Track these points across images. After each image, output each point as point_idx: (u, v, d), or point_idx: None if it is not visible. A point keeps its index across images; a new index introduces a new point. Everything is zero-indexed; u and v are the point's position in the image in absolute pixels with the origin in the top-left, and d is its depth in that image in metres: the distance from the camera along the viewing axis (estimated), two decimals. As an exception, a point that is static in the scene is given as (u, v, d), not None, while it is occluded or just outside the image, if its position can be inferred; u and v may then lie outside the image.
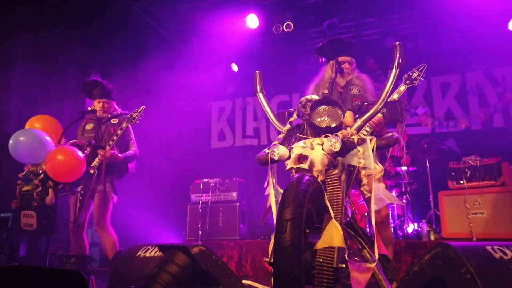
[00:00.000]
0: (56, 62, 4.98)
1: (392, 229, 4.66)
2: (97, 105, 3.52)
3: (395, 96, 2.54)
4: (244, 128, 7.25)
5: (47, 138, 3.01)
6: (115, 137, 3.32)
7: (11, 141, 2.90)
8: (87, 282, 1.18)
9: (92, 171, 3.22)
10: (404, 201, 4.87)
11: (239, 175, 5.70)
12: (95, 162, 3.24)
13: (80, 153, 3.05)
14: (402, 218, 4.88)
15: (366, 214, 4.34)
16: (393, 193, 5.05)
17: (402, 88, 2.59)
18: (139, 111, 3.44)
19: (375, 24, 6.32)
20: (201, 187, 5.56)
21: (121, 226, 4.36)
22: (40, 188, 2.88)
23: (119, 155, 3.37)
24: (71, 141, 3.26)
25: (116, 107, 3.66)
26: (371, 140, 1.79)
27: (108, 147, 3.27)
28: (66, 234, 4.44)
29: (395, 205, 4.94)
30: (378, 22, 6.24)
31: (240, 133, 7.24)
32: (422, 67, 2.61)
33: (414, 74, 2.60)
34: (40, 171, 2.90)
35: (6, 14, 4.43)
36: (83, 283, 1.15)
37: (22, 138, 2.90)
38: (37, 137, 2.95)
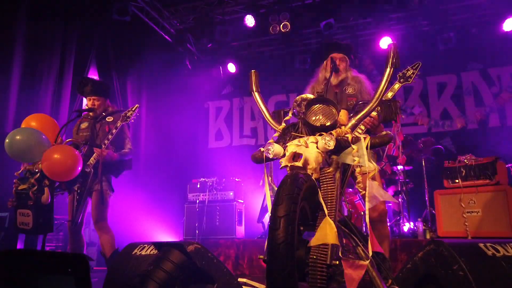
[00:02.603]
0: (53, 61, 4.97)
1: (388, 227, 4.69)
2: (89, 102, 3.54)
3: (389, 94, 2.55)
4: (242, 127, 7.27)
5: (44, 137, 3.01)
6: (110, 136, 3.33)
7: (7, 140, 2.89)
8: (89, 264, 1.18)
9: (88, 170, 3.23)
10: (400, 200, 4.89)
11: (236, 174, 5.71)
12: (91, 160, 3.24)
13: (76, 152, 3.05)
14: (398, 217, 4.90)
15: (362, 213, 4.36)
16: (389, 192, 5.08)
17: (397, 86, 2.60)
18: (133, 109, 3.45)
19: (372, 24, 6.36)
20: (198, 186, 5.57)
21: (119, 225, 4.37)
22: (36, 187, 2.88)
23: (115, 154, 3.38)
24: (68, 140, 3.27)
25: (110, 104, 3.66)
26: (365, 138, 1.81)
27: (104, 146, 3.28)
28: (63, 233, 4.45)
29: (391, 203, 4.96)
30: (374, 23, 6.27)
31: (238, 133, 7.26)
32: (416, 65, 2.60)
33: (408, 72, 2.60)
34: (37, 170, 2.90)
35: (4, 14, 4.43)
36: (85, 265, 1.15)
37: (18, 137, 2.90)
38: (34, 136, 2.95)
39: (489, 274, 1.70)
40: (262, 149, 1.93)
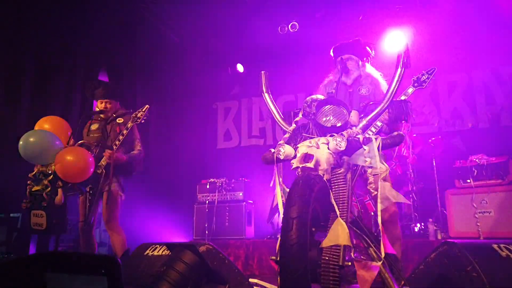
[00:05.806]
0: (64, 63, 5.03)
1: (400, 229, 4.65)
2: (100, 105, 3.55)
3: (402, 97, 2.55)
4: (250, 128, 7.27)
5: (57, 138, 3.05)
6: (120, 137, 3.34)
7: (21, 142, 2.94)
8: (121, 267, 1.21)
9: (99, 171, 3.26)
10: (410, 200, 4.86)
11: (245, 175, 5.72)
12: (102, 161, 3.27)
13: (89, 154, 3.09)
14: (409, 217, 4.86)
15: (372, 213, 4.33)
16: (400, 192, 5.04)
17: (410, 90, 2.60)
18: (143, 110, 3.43)
19: (381, 22, 6.31)
20: (208, 187, 5.60)
21: (129, 225, 4.40)
22: (49, 188, 2.92)
23: (124, 156, 3.40)
24: (80, 141, 3.30)
25: (120, 106, 3.68)
26: (376, 139, 1.80)
27: (114, 148, 3.30)
28: (75, 233, 4.50)
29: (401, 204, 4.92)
30: (383, 20, 6.23)
31: (246, 133, 7.26)
32: (431, 70, 2.61)
33: (423, 76, 2.60)
34: (50, 172, 2.94)
35: (14, 17, 4.50)
36: (117, 267, 1.18)
37: (31, 139, 2.94)
38: (47, 138, 3.00)
39: (503, 275, 1.68)
40: (272, 150, 1.94)
